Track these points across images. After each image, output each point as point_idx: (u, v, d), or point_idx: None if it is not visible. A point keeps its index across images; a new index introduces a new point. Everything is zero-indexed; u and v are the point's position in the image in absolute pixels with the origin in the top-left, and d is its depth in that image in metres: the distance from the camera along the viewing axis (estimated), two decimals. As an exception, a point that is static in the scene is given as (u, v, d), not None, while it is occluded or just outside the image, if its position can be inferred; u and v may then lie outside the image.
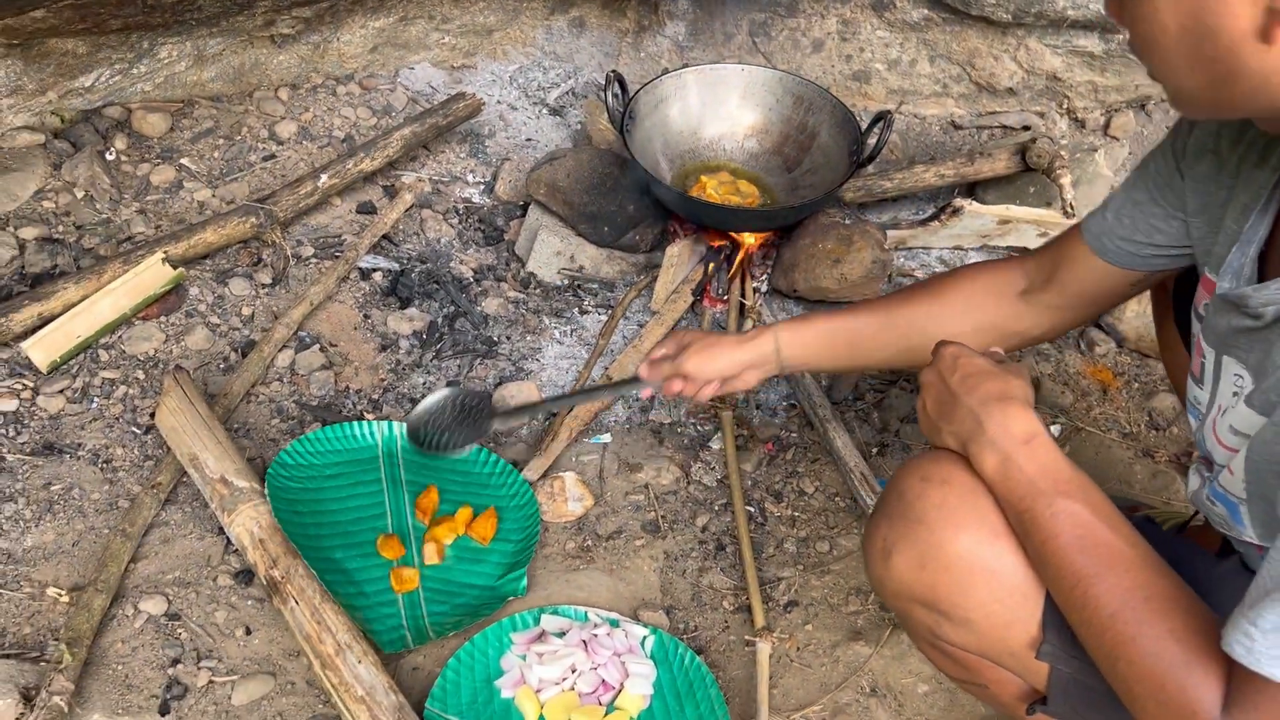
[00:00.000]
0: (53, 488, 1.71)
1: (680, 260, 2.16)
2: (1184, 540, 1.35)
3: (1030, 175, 2.40)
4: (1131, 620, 0.93)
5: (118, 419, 1.83)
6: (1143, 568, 0.96)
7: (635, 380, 1.53)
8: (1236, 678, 0.85)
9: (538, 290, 2.20)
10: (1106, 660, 0.96)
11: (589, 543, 1.77)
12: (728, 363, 1.48)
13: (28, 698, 1.39)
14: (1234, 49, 0.82)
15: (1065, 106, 2.70)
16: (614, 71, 2.16)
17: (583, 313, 2.17)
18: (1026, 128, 2.69)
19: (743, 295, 2.15)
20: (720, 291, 2.17)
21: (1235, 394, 1.03)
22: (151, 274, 1.95)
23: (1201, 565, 1.13)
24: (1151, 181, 1.18)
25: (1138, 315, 2.17)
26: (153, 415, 1.78)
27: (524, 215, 2.32)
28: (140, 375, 1.90)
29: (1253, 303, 0.96)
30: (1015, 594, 1.07)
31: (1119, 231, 1.23)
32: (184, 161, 2.30)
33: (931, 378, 1.16)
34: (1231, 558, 1.18)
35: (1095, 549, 0.97)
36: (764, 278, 2.21)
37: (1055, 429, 2.04)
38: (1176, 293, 1.36)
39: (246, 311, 2.04)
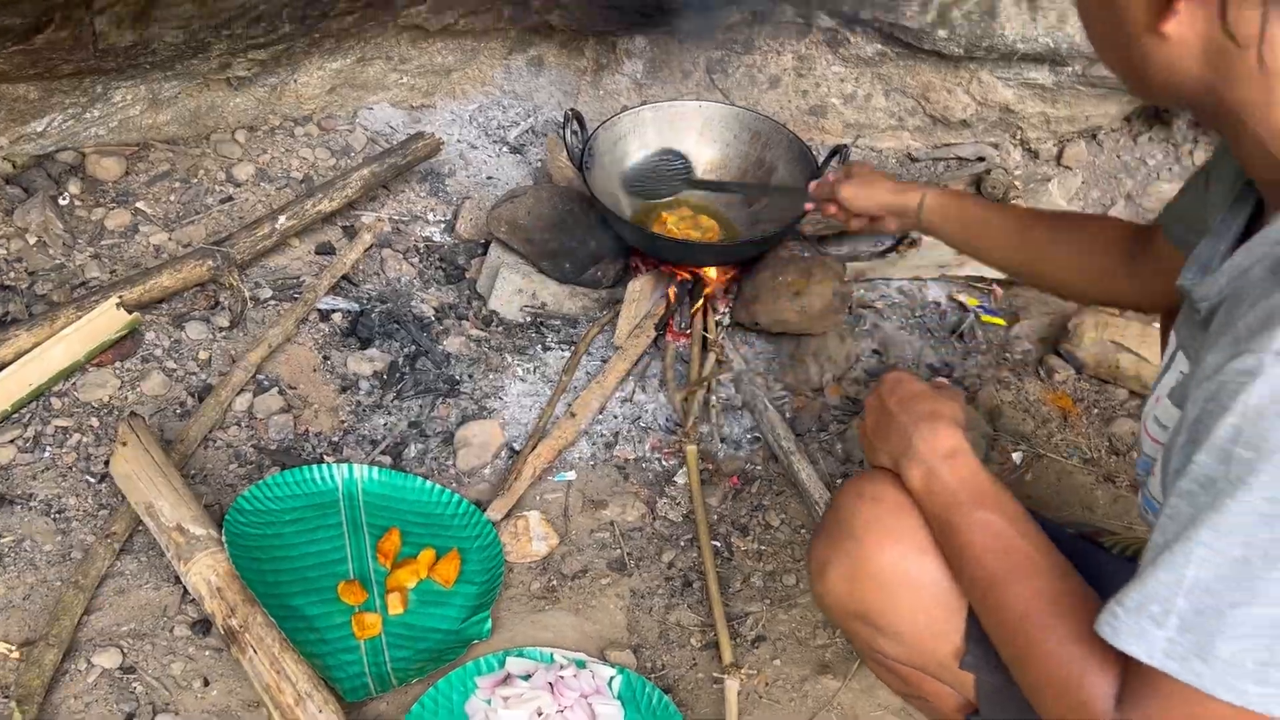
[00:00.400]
0: (3, 540, 1.67)
1: (642, 295, 2.16)
2: (1128, 562, 1.36)
3: (986, 205, 2.43)
4: (1038, 623, 0.95)
5: (71, 468, 1.79)
6: (1052, 574, 0.99)
7: (803, 192, 1.83)
8: (1126, 671, 0.87)
9: (500, 328, 2.19)
10: (1016, 663, 0.99)
11: (554, 582, 1.75)
12: (874, 203, 1.68)
13: (-25, 759, 1.35)
14: (1137, 37, 0.87)
15: (1018, 137, 2.75)
16: (572, 110, 2.17)
17: (546, 349, 2.16)
18: (981, 159, 2.73)
19: (705, 329, 2.15)
20: (683, 325, 2.18)
21: (1173, 388, 1.05)
22: (105, 319, 1.92)
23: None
24: (1207, 167, 1.22)
25: (1096, 342, 2.20)
26: (107, 463, 1.75)
27: (485, 253, 2.32)
28: (94, 423, 1.87)
29: (1195, 295, 0.98)
30: (940, 606, 1.11)
31: (1178, 210, 1.27)
32: (139, 205, 2.28)
33: (873, 401, 1.22)
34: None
35: (1008, 556, 1.01)
36: (726, 311, 2.21)
37: (1017, 456, 2.06)
38: None
39: (204, 355, 2.02)
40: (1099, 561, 1.13)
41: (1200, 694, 0.79)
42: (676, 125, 2.33)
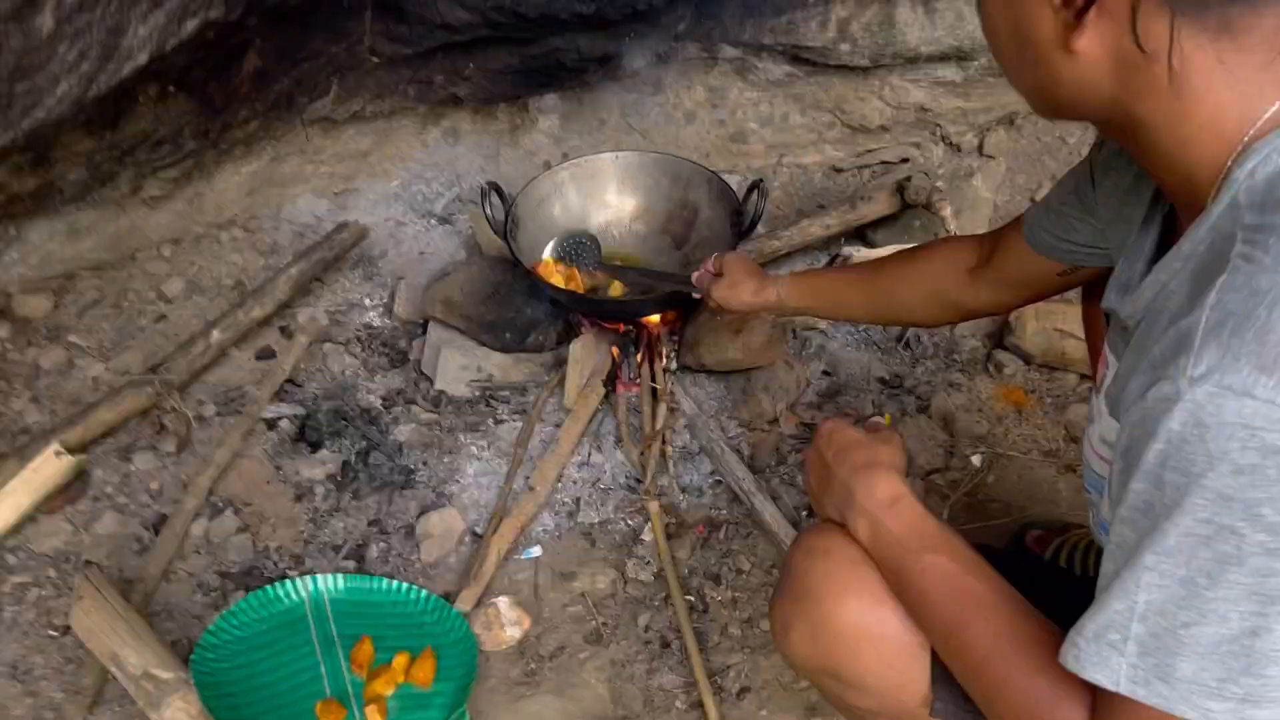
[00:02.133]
0: (-28, 712, 1.65)
1: (586, 354, 2.16)
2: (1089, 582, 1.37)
3: (915, 209, 2.45)
4: (1001, 662, 0.96)
5: (33, 624, 1.77)
6: (1009, 612, 0.99)
7: (690, 282, 1.93)
8: (1096, 700, 0.88)
9: (449, 407, 2.19)
10: (985, 704, 0.99)
11: (532, 666, 1.74)
12: (739, 304, 1.80)
13: None
14: (1047, 55, 0.87)
15: (939, 134, 2.77)
16: (489, 183, 2.18)
17: (498, 422, 2.16)
18: (905, 160, 2.75)
19: (653, 379, 2.15)
20: (631, 377, 2.18)
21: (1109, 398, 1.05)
22: (50, 467, 1.91)
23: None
24: (1074, 181, 1.25)
25: (1038, 332, 2.21)
26: (68, 615, 1.73)
27: (425, 333, 2.31)
28: (52, 573, 1.85)
29: (1122, 313, 0.99)
30: (902, 655, 1.11)
31: (1044, 222, 1.31)
32: (72, 339, 2.27)
33: (813, 455, 1.23)
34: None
35: (963, 598, 1.02)
36: (671, 356, 2.21)
37: (976, 460, 2.07)
38: None
39: (154, 486, 2.00)
40: (1069, 588, 1.13)
41: (1167, 715, 0.81)
42: (595, 180, 2.34)
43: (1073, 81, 0.87)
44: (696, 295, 1.92)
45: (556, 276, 2.20)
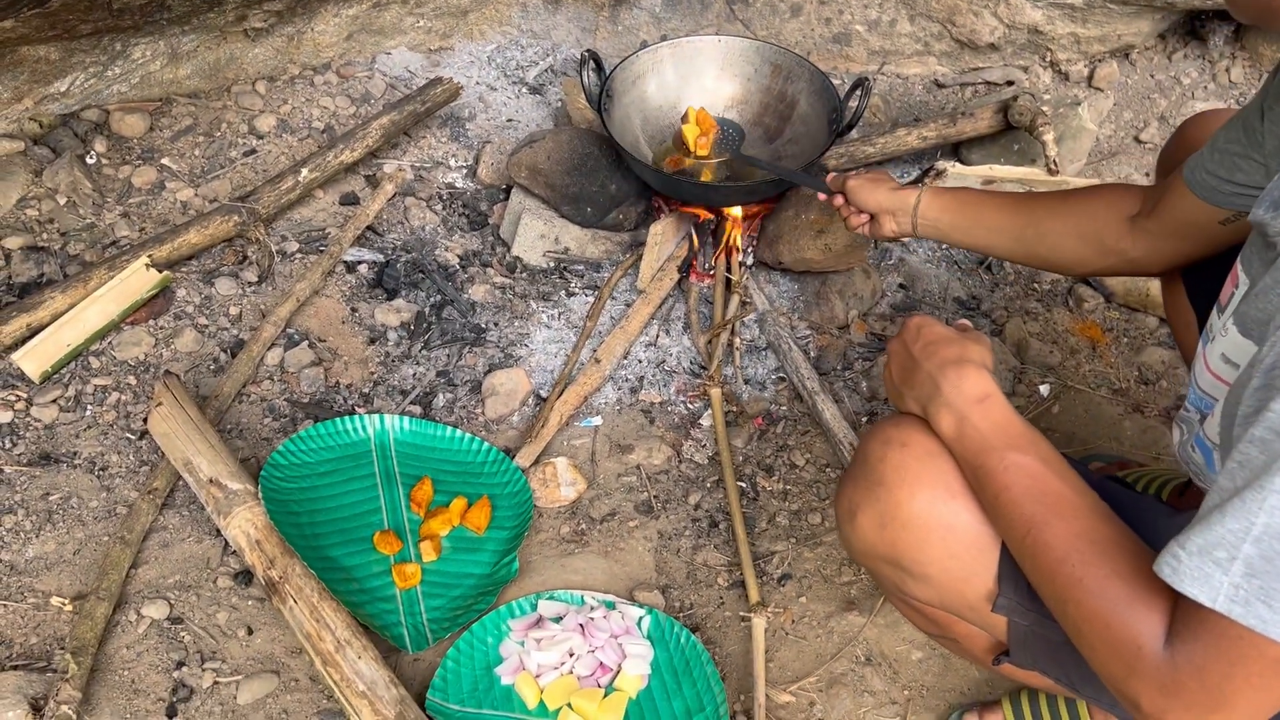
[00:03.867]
0: (51, 497, 1.73)
1: (664, 238, 2.16)
2: (1154, 501, 1.37)
3: (1014, 133, 2.39)
4: (1079, 563, 0.95)
5: (112, 426, 1.84)
6: (1090, 514, 0.99)
7: (823, 181, 1.81)
8: (1178, 610, 0.87)
9: (524, 274, 2.20)
10: (1057, 604, 0.99)
11: (583, 526, 1.79)
12: (873, 199, 1.69)
13: (36, 708, 1.42)
14: None
15: (1048, 59, 2.68)
16: (589, 51, 2.15)
17: (570, 295, 2.18)
18: (1010, 83, 2.67)
19: (728, 270, 2.15)
20: (706, 267, 2.18)
21: (1239, 316, 1.04)
22: (137, 279, 1.96)
23: (1167, 523, 1.15)
24: (1241, 120, 1.21)
25: (1125, 270, 2.17)
26: (146, 420, 1.79)
27: (507, 199, 2.32)
28: (132, 380, 1.91)
29: (1270, 230, 0.96)
30: (971, 550, 1.11)
31: (1206, 163, 1.26)
32: (165, 161, 2.30)
33: (897, 346, 1.21)
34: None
35: (1045, 497, 1.01)
36: (749, 251, 2.20)
37: (1044, 389, 2.05)
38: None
39: (234, 311, 2.05)
40: (1127, 500, 1.13)
41: (1258, 636, 0.79)
42: (695, 61, 2.30)
43: None
44: (824, 196, 1.83)
45: (692, 128, 2.19)
